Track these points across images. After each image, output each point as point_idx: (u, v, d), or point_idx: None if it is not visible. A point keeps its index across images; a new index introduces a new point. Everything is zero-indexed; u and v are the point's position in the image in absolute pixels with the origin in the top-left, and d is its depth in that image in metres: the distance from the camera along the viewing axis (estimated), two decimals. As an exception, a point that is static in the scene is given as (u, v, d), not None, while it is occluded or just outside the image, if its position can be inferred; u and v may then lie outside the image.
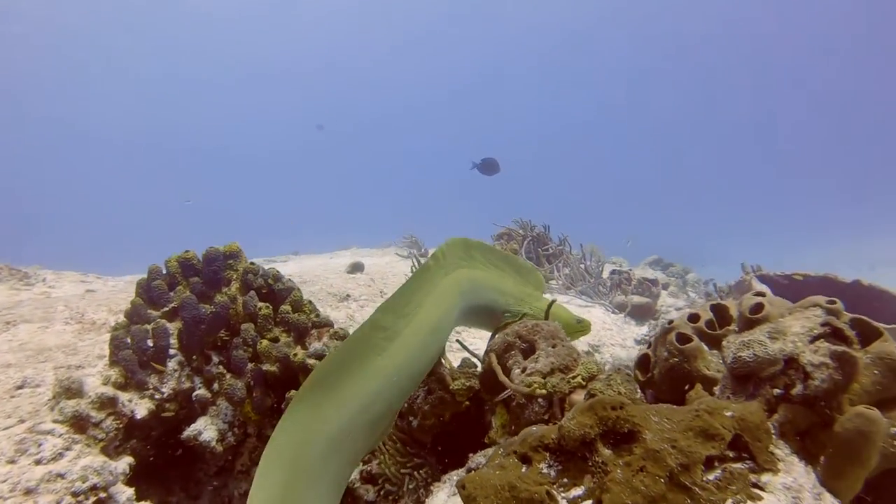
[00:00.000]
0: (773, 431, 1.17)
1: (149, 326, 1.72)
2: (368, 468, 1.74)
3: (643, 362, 1.51)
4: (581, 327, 1.89)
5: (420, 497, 1.64)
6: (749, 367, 1.23)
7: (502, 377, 1.47)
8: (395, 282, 3.46)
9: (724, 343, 1.32)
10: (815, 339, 1.24)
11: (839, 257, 14.95)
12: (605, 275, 3.83)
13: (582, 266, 3.73)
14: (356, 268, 3.70)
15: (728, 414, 1.18)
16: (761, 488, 1.10)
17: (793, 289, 3.25)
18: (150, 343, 1.68)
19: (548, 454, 1.26)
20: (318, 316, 1.85)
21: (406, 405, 1.75)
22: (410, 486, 1.66)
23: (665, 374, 1.42)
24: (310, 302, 1.91)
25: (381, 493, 1.71)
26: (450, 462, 1.72)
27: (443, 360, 1.71)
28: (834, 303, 1.35)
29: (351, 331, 2.04)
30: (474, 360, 1.81)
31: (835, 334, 1.25)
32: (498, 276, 1.66)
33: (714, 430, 1.14)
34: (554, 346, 1.59)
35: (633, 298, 3.41)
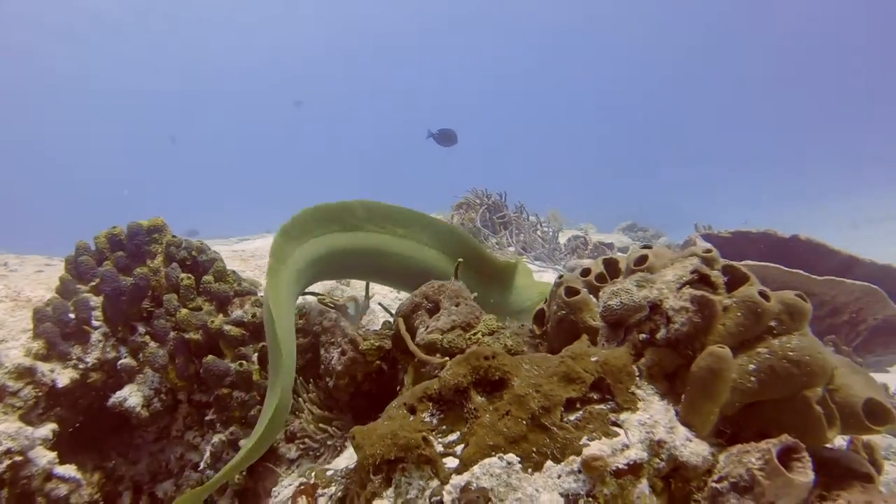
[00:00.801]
0: (636, 373, 1.24)
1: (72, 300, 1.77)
2: (290, 427, 1.81)
3: (539, 316, 1.57)
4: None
5: (338, 451, 1.72)
6: (617, 315, 1.28)
7: (405, 335, 1.53)
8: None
9: (599, 293, 1.38)
10: (683, 285, 1.29)
11: (824, 215, 15.06)
12: (564, 241, 3.89)
13: (538, 232, 3.79)
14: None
15: (593, 359, 1.25)
16: (619, 426, 1.17)
17: (735, 244, 3.31)
18: (71, 315, 1.74)
19: (431, 403, 1.32)
20: (240, 285, 1.90)
21: (322, 366, 1.81)
22: (328, 443, 1.73)
23: (555, 327, 1.47)
24: (233, 272, 1.96)
25: (303, 449, 1.79)
26: (366, 419, 1.79)
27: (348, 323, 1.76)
28: (709, 251, 1.40)
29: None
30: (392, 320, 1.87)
31: (702, 280, 1.30)
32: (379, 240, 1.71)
33: (575, 374, 1.20)
34: (457, 305, 1.65)
35: (584, 262, 3.47)
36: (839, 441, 1.47)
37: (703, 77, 46.60)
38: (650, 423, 1.15)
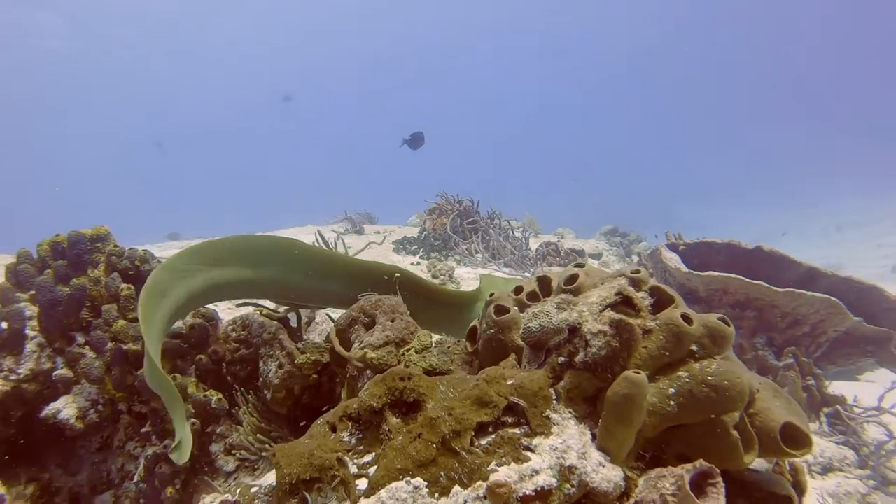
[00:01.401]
0: (553, 397, 1.23)
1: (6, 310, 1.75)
2: (229, 440, 1.80)
3: (471, 333, 1.55)
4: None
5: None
6: (536, 337, 1.27)
7: (339, 349, 1.52)
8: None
9: (523, 315, 1.37)
10: (606, 307, 1.28)
11: (811, 219, 15.15)
12: (536, 247, 3.88)
13: (509, 239, 3.78)
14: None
15: (509, 382, 1.24)
16: (532, 450, 1.16)
17: (701, 254, 3.31)
18: (3, 325, 1.71)
19: (350, 423, 1.31)
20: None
21: (261, 379, 1.80)
22: (265, 455, 1.72)
23: (485, 345, 1.46)
24: (177, 281, 1.94)
25: (240, 461, 1.77)
26: (305, 432, 1.78)
27: (287, 336, 1.75)
28: (637, 272, 1.39)
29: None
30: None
31: (625, 302, 1.29)
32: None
33: (488, 398, 1.19)
34: (393, 321, 1.63)
35: (552, 270, 3.46)
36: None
37: (695, 78, 46.78)
38: (562, 448, 1.14)
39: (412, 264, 3.67)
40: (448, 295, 1.95)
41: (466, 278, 3.40)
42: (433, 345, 1.57)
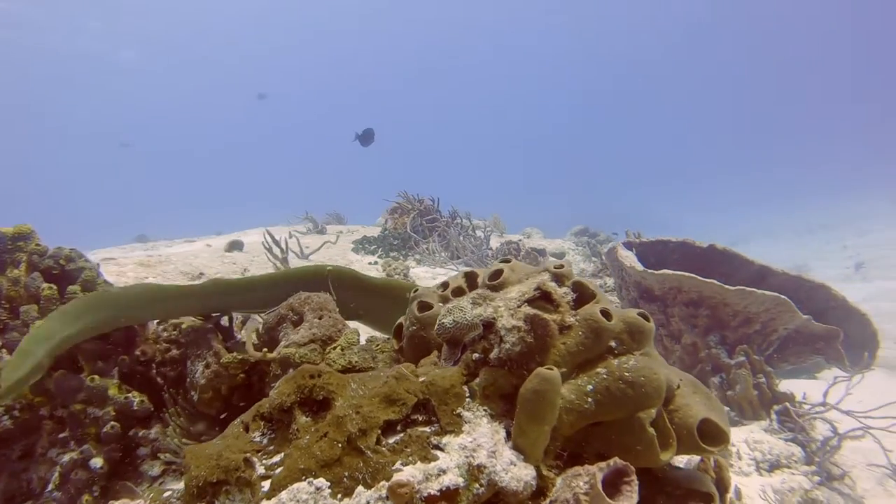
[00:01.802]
0: (466, 394, 1.20)
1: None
2: (156, 444, 1.74)
3: (397, 330, 1.52)
4: None
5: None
6: (450, 333, 1.24)
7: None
8: (264, 259, 3.42)
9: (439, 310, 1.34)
10: (524, 302, 1.26)
11: (782, 221, 15.47)
12: (497, 246, 3.86)
13: (470, 238, 3.74)
14: (234, 246, 3.64)
15: (421, 379, 1.20)
16: (441, 449, 1.13)
17: (656, 252, 3.33)
18: (-88, 327, 1.64)
19: (262, 423, 1.26)
20: (107, 294, 1.82)
21: (188, 380, 1.74)
22: (190, 461, 1.66)
23: (408, 342, 1.43)
24: (105, 282, 1.87)
25: (167, 465, 1.71)
26: (233, 435, 1.72)
27: (218, 335, 1.70)
28: (561, 267, 1.37)
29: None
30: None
31: (544, 297, 1.27)
32: None
33: (396, 396, 1.15)
34: (320, 318, 1.59)
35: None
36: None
37: (671, 80, 47.49)
38: (472, 446, 1.11)
39: (370, 264, 3.62)
40: (387, 286, 1.90)
41: (423, 277, 3.36)
42: (358, 342, 1.53)
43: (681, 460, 1.85)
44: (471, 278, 1.49)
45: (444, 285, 1.47)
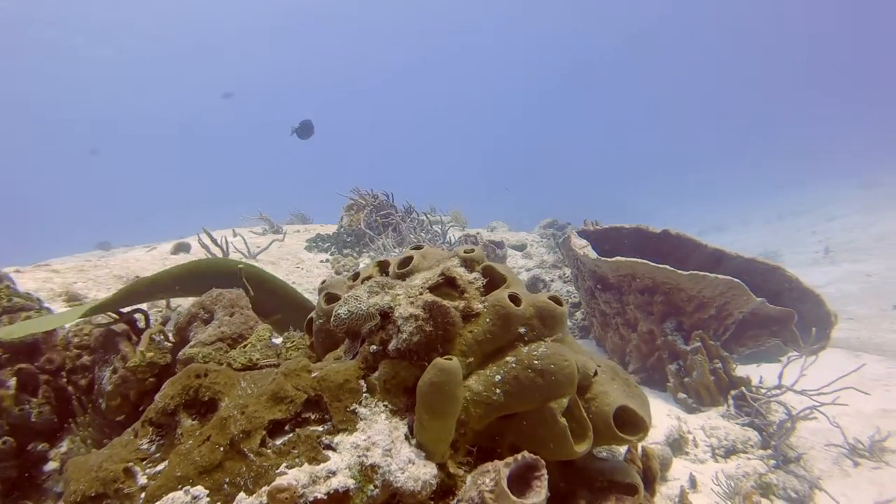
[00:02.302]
0: (363, 389, 1.11)
1: None
2: (69, 457, 1.63)
3: (308, 325, 1.44)
4: None
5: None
6: (345, 324, 1.16)
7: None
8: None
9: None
10: (428, 289, 1.18)
11: (755, 210, 15.65)
12: (455, 240, 3.79)
13: (428, 233, 3.66)
14: (180, 248, 3.52)
15: (313, 375, 1.12)
16: (333, 449, 1.05)
17: (611, 239, 3.28)
18: None
19: (151, 428, 1.17)
20: (10, 301, 1.71)
21: (96, 386, 1.64)
22: (97, 472, 1.55)
23: (316, 336, 1.35)
24: (7, 287, 1.76)
25: (74, 481, 1.60)
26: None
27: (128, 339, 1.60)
28: (471, 251, 1.29)
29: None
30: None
31: (448, 283, 1.19)
32: None
33: (284, 393, 1.07)
34: (231, 315, 1.50)
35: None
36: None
37: (651, 77, 47.85)
38: (365, 445, 1.03)
39: (322, 262, 3.51)
40: (285, 287, 1.82)
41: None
42: (270, 339, 1.44)
43: (622, 451, 1.78)
44: (384, 267, 1.41)
45: (356, 276, 1.39)
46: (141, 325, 1.76)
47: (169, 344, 1.61)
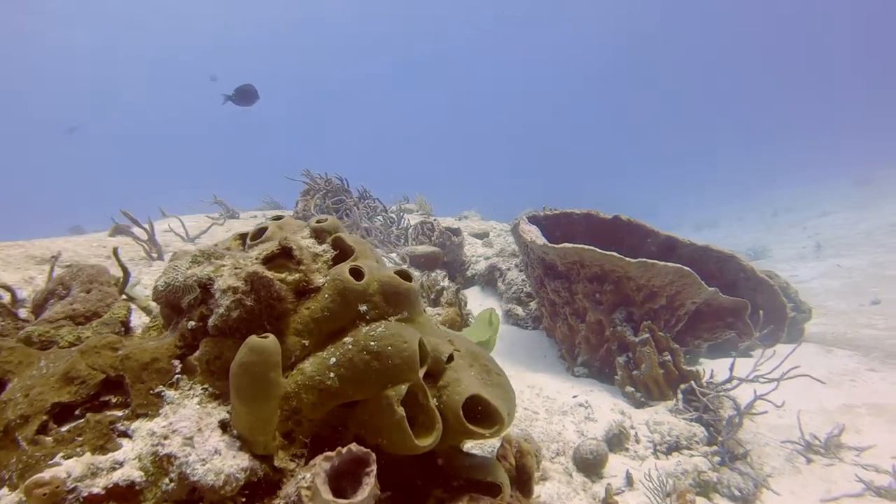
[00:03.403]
0: (176, 370, 0.99)
1: None
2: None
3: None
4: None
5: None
6: (163, 297, 1.03)
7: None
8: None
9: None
10: (263, 260, 1.06)
11: (751, 205, 15.46)
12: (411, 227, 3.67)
13: (379, 219, 3.54)
14: (119, 231, 3.40)
15: (120, 352, 1.00)
16: (130, 436, 0.93)
17: (562, 225, 3.15)
18: None
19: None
20: None
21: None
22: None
23: (161, 312, 1.23)
24: None
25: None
26: None
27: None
28: (323, 221, 1.17)
29: None
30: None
31: (284, 254, 1.06)
32: None
33: (76, 373, 0.94)
34: (88, 292, 1.38)
35: (416, 248, 3.23)
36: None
37: (646, 73, 47.49)
38: (163, 432, 0.91)
39: (266, 246, 3.40)
40: None
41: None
42: (127, 316, 1.32)
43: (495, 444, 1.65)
44: (243, 238, 1.28)
45: (207, 250, 1.26)
46: (7, 300, 1.64)
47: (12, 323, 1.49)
